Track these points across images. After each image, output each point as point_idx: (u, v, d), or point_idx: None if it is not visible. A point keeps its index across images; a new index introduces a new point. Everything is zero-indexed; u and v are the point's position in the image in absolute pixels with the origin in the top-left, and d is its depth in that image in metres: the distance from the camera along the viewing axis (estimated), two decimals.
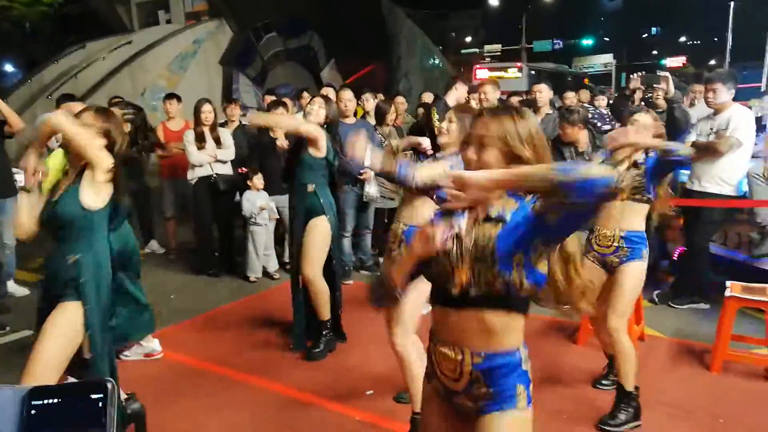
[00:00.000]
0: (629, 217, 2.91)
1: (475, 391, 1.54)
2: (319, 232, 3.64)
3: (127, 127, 3.66)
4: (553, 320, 4.32)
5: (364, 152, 2.28)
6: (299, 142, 3.68)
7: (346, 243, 5.32)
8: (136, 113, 5.16)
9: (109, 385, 0.82)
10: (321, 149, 3.61)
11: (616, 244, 2.93)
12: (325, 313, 3.73)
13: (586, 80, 20.60)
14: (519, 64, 19.35)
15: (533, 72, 18.29)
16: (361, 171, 5.07)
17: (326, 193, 3.75)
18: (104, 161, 2.35)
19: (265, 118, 3.55)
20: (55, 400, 0.81)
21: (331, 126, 3.76)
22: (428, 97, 6.64)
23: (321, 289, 3.68)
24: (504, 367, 1.51)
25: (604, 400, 3.08)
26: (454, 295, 1.49)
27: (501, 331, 1.50)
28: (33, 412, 0.80)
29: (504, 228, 1.45)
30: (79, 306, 2.35)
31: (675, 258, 5.15)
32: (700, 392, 3.25)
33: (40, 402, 0.81)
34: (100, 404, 0.80)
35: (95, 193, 2.36)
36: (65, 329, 2.33)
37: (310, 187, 3.66)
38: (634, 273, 2.92)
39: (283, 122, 4.25)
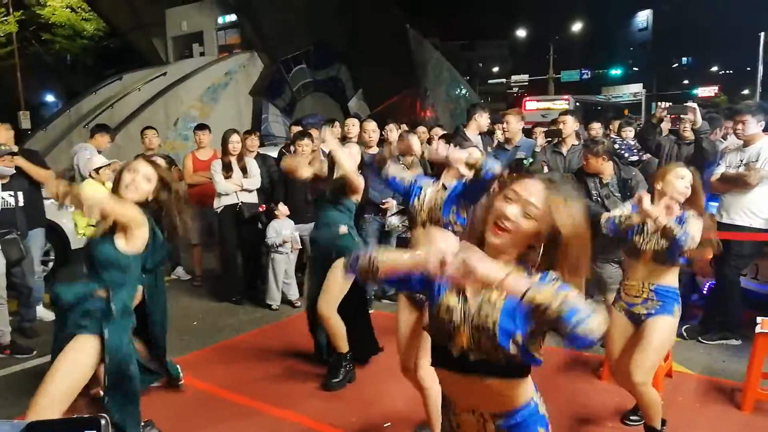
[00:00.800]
0: (659, 272, 2.81)
1: None
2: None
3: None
4: (578, 354, 4.24)
5: None
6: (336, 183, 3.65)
7: None
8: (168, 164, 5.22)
9: (103, 422, 0.83)
10: (359, 195, 3.65)
11: (645, 295, 2.81)
12: (343, 346, 3.73)
13: (626, 111, 20.52)
14: (566, 96, 19.53)
15: (578, 104, 18.39)
16: (383, 201, 5.10)
17: (355, 232, 3.79)
18: (138, 223, 2.48)
19: (333, 148, 3.51)
20: None
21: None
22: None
23: (336, 324, 3.68)
24: (526, 419, 1.53)
25: None
26: (455, 356, 1.48)
27: (510, 393, 1.51)
28: None
29: (509, 301, 1.40)
30: (95, 339, 2.40)
31: (704, 292, 5.02)
32: None
33: None
34: None
35: (131, 243, 2.49)
36: (78, 364, 2.37)
37: (343, 229, 3.68)
38: (663, 328, 2.76)
39: (344, 162, 3.59)
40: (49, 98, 25.85)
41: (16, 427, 0.83)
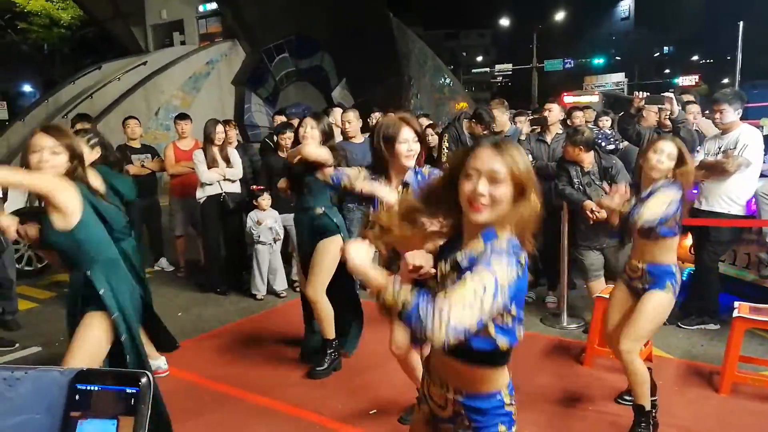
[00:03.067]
0: (650, 249, 2.89)
1: (459, 424, 1.57)
2: (331, 252, 3.61)
3: (98, 152, 3.68)
4: (560, 340, 4.30)
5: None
6: (309, 166, 3.56)
7: None
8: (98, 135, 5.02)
9: (144, 379, 0.82)
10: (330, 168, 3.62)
11: (639, 273, 2.94)
12: (330, 332, 3.74)
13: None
14: (596, 91, 21.20)
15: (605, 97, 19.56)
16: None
17: (335, 213, 3.77)
18: (57, 187, 2.29)
19: (303, 153, 3.48)
20: (97, 387, 0.83)
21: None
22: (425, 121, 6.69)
23: (325, 308, 3.68)
24: (488, 409, 1.54)
25: (609, 421, 3.05)
26: None
27: (473, 376, 1.53)
28: (77, 396, 0.83)
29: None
30: (104, 315, 2.39)
31: (684, 278, 5.10)
32: (709, 414, 3.20)
33: (85, 387, 0.84)
34: (134, 398, 0.82)
35: (63, 214, 2.31)
36: (91, 342, 2.38)
37: (319, 210, 3.69)
38: (655, 301, 2.85)
39: (314, 153, 3.61)
40: (27, 88, 25.40)
41: (66, 375, 0.85)
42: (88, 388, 0.83)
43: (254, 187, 5.45)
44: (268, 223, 5.23)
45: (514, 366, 1.62)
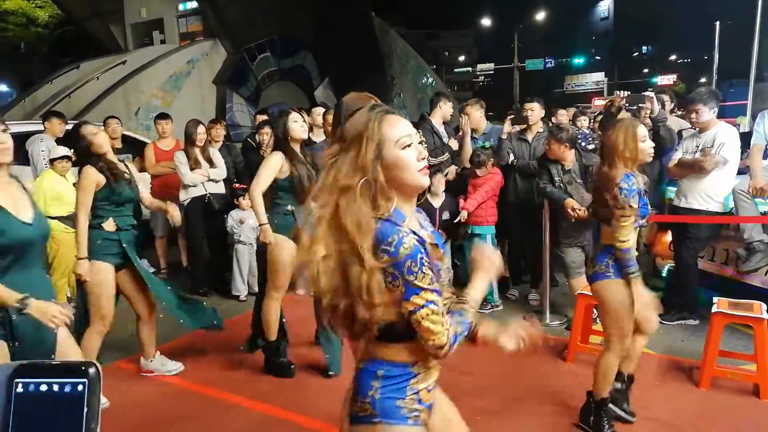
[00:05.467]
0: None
1: None
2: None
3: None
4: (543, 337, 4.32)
5: None
6: None
7: None
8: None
9: (92, 370, 0.77)
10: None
11: None
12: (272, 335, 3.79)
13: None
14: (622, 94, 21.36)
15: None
16: None
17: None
18: None
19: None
20: (42, 382, 0.77)
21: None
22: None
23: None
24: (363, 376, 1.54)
25: None
26: None
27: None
28: (19, 390, 0.77)
29: None
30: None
31: (663, 274, 5.17)
32: (688, 408, 3.24)
33: (27, 381, 0.78)
34: (80, 391, 0.76)
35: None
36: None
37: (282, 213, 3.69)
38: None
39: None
40: (3, 88, 24.94)
41: (3, 371, 0.79)
42: (31, 382, 0.77)
43: (236, 185, 5.41)
44: (250, 222, 5.19)
45: (497, 363, 1.62)
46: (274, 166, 3.55)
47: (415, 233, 1.40)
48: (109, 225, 3.37)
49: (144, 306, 3.68)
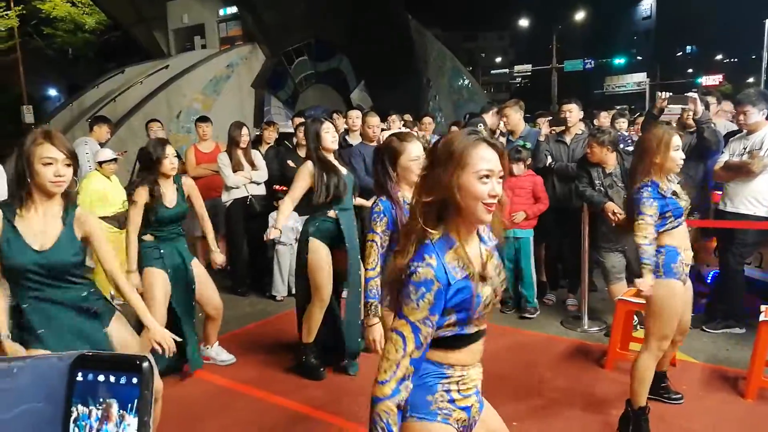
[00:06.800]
0: None
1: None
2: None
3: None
4: (581, 343, 4.25)
5: None
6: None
7: None
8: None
9: (145, 364, 0.78)
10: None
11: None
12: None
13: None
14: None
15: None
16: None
17: (315, 223, 3.81)
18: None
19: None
20: (99, 372, 0.80)
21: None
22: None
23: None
24: None
25: None
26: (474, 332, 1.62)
27: None
28: (79, 379, 0.80)
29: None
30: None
31: (709, 281, 5.02)
32: (733, 420, 3.14)
33: (85, 372, 0.80)
34: (136, 385, 0.78)
35: None
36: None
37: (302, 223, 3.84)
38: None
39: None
40: (52, 92, 25.86)
41: (65, 360, 0.82)
42: (89, 373, 0.80)
43: (276, 187, 5.48)
44: (289, 223, 5.25)
45: (534, 368, 1.61)
46: (305, 177, 3.64)
47: (446, 272, 1.43)
48: (147, 238, 3.56)
49: (212, 307, 3.83)
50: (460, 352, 1.54)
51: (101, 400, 0.78)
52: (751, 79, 29.59)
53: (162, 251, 3.53)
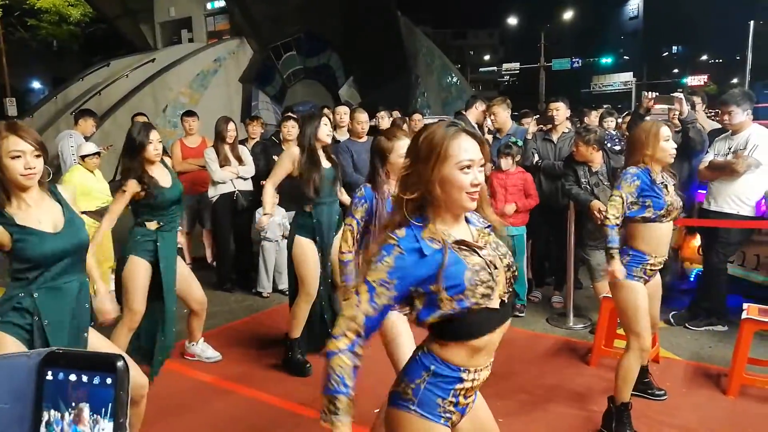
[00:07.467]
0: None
1: None
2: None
3: None
4: (566, 340, 4.28)
5: None
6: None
7: None
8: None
9: (119, 363, 0.73)
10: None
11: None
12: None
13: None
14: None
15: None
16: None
17: (310, 215, 3.77)
18: None
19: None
20: (69, 371, 0.75)
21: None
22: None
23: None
24: None
25: None
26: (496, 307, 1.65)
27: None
28: (49, 378, 0.76)
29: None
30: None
31: (692, 279, 5.07)
32: (716, 417, 3.17)
33: (55, 371, 0.76)
34: (110, 386, 0.74)
35: None
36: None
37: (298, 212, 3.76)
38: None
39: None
40: (36, 85, 25.54)
41: (34, 358, 0.77)
42: (60, 372, 0.75)
43: (263, 182, 5.45)
44: (276, 219, 5.22)
45: (519, 365, 1.61)
46: (287, 161, 3.65)
47: (418, 241, 1.47)
48: (152, 225, 3.41)
49: (196, 302, 3.77)
50: (479, 342, 1.51)
51: (73, 404, 0.74)
52: (735, 80, 29.93)
53: (158, 243, 3.41)
